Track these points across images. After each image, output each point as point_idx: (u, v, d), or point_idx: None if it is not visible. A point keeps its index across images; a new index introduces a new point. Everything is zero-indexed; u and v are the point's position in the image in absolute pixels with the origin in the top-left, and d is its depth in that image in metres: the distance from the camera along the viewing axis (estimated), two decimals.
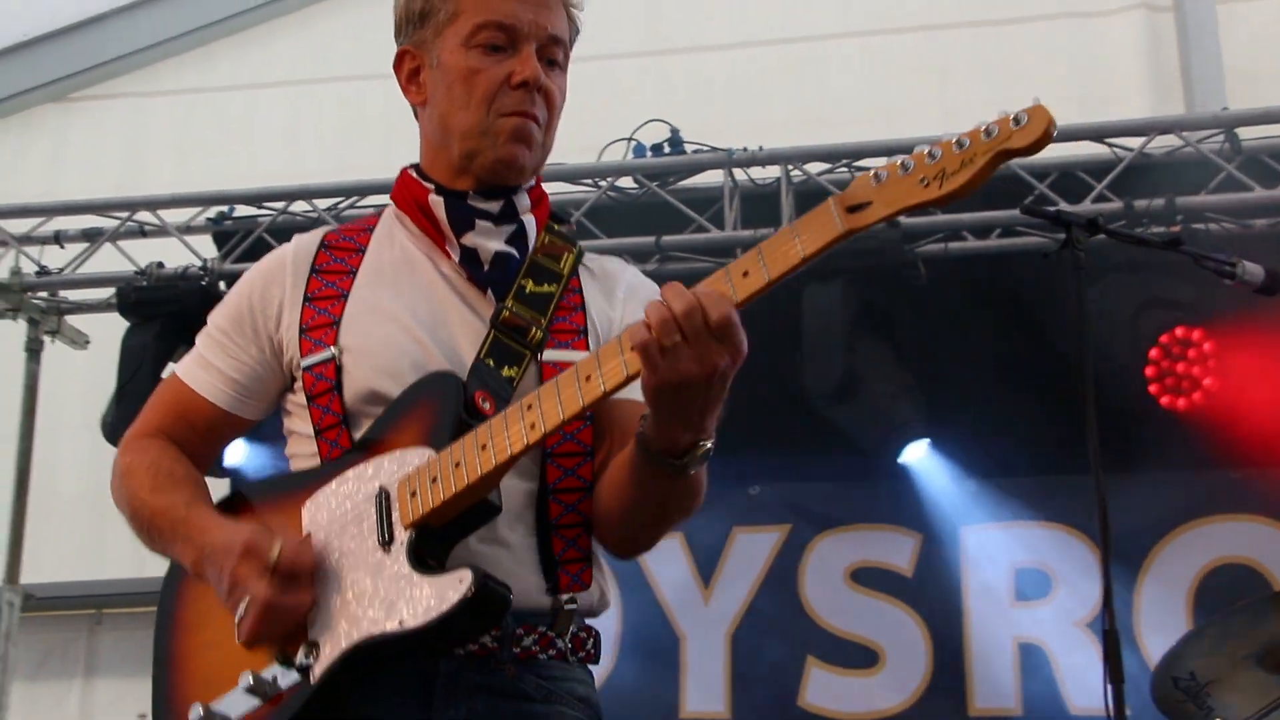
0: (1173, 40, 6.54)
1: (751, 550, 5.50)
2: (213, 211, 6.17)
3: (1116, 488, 5.11)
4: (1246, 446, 4.95)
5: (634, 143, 5.84)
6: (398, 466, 2.05)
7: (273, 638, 2.03)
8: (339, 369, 2.17)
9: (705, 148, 5.72)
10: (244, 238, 5.99)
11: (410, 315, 2.20)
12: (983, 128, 1.79)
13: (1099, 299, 4.83)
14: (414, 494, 2.01)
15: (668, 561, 5.54)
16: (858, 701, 5.27)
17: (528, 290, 2.23)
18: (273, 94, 7.56)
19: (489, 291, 2.23)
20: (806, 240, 1.84)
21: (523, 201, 2.29)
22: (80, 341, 6.44)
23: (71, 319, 6.40)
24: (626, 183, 5.81)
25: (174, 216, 6.19)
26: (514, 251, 2.26)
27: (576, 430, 2.15)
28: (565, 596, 2.15)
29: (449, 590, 1.92)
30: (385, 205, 2.38)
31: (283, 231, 5.96)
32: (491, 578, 1.96)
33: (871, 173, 1.84)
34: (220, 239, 6.12)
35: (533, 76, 2.20)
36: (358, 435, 2.16)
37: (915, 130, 5.87)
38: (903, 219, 5.26)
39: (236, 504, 2.25)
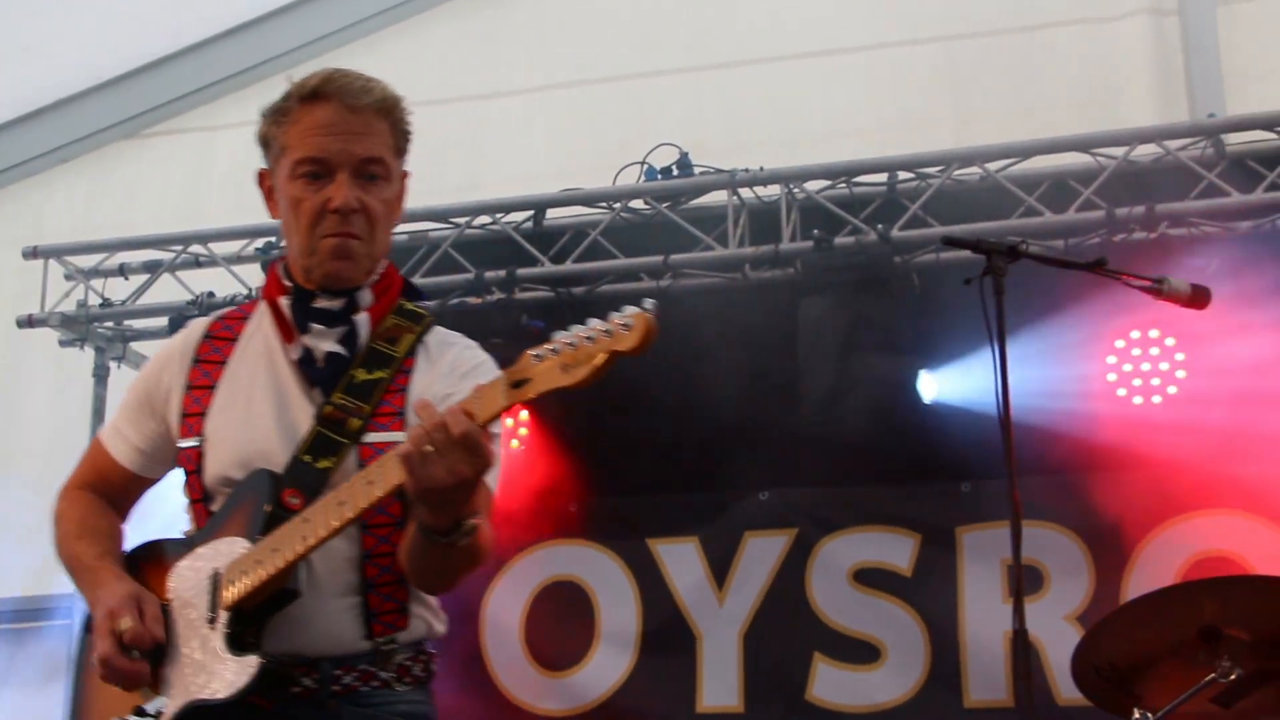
0: (1178, 44, 6.64)
1: (762, 553, 5.74)
2: (261, 242, 6.59)
3: (1104, 482, 5.34)
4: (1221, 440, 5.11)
5: (646, 166, 6.15)
6: (229, 550, 2.49)
7: (124, 686, 2.52)
8: (200, 455, 2.62)
9: (710, 169, 6.01)
10: None
11: (260, 410, 2.62)
12: (603, 328, 2.14)
13: None
14: (233, 582, 2.45)
15: (684, 565, 5.81)
16: (861, 695, 5.50)
17: (358, 380, 2.60)
18: None
19: (317, 389, 2.61)
20: (479, 410, 2.25)
21: (364, 298, 2.67)
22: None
23: (136, 345, 6.86)
24: (639, 204, 6.12)
25: (226, 248, 6.62)
26: (344, 351, 2.63)
27: (388, 505, 2.50)
28: (382, 639, 2.55)
29: (242, 674, 2.40)
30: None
31: None
32: (273, 659, 2.42)
33: (532, 352, 2.21)
34: (267, 268, 6.49)
35: (342, 204, 2.58)
36: (214, 510, 2.60)
37: (926, 144, 6.09)
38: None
39: (143, 554, 2.71)
